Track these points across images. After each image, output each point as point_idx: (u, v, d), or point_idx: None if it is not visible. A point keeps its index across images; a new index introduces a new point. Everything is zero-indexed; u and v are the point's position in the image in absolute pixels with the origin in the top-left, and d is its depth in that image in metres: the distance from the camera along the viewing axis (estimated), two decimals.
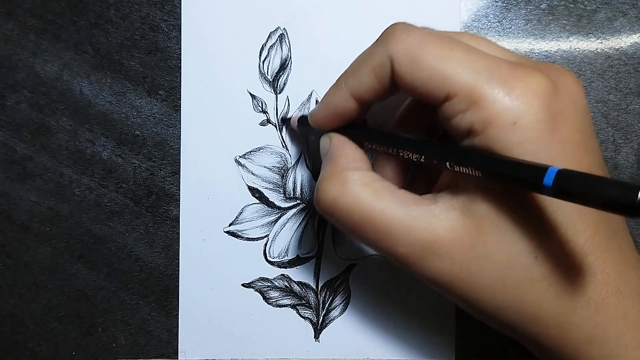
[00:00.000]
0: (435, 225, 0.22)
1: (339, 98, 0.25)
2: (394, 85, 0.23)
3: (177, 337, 0.32)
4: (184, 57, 0.32)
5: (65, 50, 0.32)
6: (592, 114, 0.32)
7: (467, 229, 0.21)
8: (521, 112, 0.20)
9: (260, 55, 0.32)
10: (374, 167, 0.27)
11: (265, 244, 0.32)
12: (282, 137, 0.32)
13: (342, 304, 0.33)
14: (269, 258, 0.32)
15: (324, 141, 0.27)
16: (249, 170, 0.32)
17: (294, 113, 0.32)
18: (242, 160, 0.32)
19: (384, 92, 0.24)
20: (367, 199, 0.23)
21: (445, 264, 0.22)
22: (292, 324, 0.33)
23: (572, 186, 0.17)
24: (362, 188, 0.23)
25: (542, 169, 0.18)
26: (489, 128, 0.20)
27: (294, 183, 0.32)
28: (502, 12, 0.32)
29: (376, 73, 0.23)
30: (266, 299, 0.32)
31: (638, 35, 0.32)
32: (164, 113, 0.32)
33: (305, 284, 0.33)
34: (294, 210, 0.32)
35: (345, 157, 0.25)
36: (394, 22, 0.23)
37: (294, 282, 0.33)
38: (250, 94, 0.32)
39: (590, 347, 0.21)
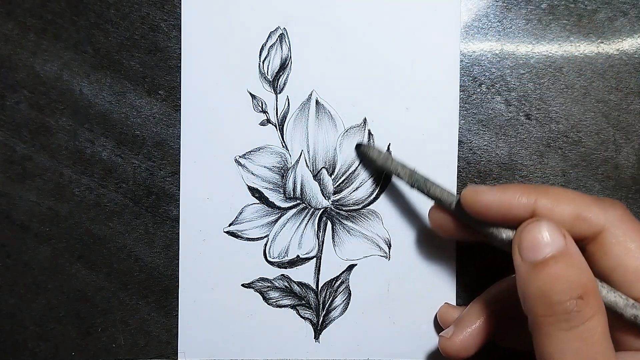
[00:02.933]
0: None
1: (521, 206, 0.24)
2: (582, 242, 0.24)
3: (177, 338, 0.32)
4: (183, 57, 0.32)
5: (65, 50, 0.32)
6: (593, 113, 0.32)
7: None
8: None
9: (260, 55, 0.32)
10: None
11: (265, 244, 0.32)
12: (282, 137, 0.32)
13: (342, 304, 0.33)
14: (268, 258, 0.32)
15: (554, 233, 0.23)
16: (249, 170, 0.32)
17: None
18: (242, 160, 0.32)
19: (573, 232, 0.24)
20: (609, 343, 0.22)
21: None
22: (292, 324, 0.33)
23: None
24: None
25: None
26: None
27: (294, 183, 0.32)
28: (502, 12, 0.32)
29: (578, 223, 0.24)
30: (266, 299, 0.32)
31: (638, 35, 0.32)
32: (164, 113, 0.32)
33: (305, 284, 0.33)
34: (294, 210, 0.32)
35: (592, 274, 0.23)
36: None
37: (294, 282, 0.32)
38: (250, 94, 0.32)
39: None
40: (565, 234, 0.23)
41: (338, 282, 0.33)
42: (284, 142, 0.32)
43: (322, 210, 0.32)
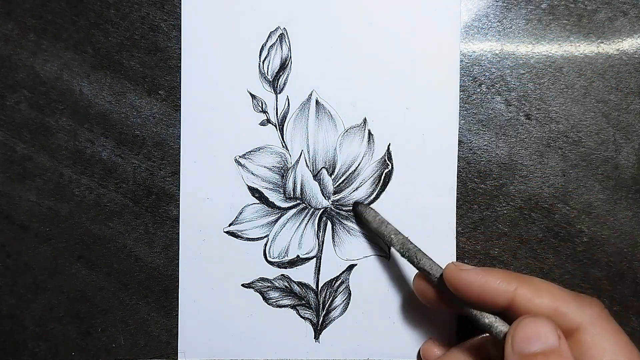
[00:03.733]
0: None
1: (501, 291, 0.25)
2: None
3: (177, 338, 0.32)
4: (183, 57, 0.32)
5: (65, 50, 0.32)
6: (593, 113, 0.32)
7: None
8: None
9: (260, 55, 0.32)
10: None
11: (265, 244, 0.32)
12: (282, 137, 0.32)
13: (342, 304, 0.33)
14: (268, 258, 0.32)
15: (546, 328, 0.24)
16: (249, 170, 0.32)
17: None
18: (242, 160, 0.32)
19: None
20: None
21: None
22: (292, 324, 0.33)
23: None
24: None
25: None
26: None
27: (294, 183, 0.32)
28: (502, 12, 0.32)
29: (555, 318, 0.24)
30: (266, 299, 0.32)
31: (638, 35, 0.32)
32: (164, 113, 0.32)
33: (305, 284, 0.33)
34: (294, 210, 0.32)
35: None
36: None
37: (294, 282, 0.32)
38: (250, 93, 0.32)
39: None
40: (561, 335, 0.23)
41: (338, 282, 0.33)
42: (284, 142, 0.32)
43: (322, 210, 0.32)
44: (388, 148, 0.32)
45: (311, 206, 0.32)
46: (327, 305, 0.33)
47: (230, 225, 0.32)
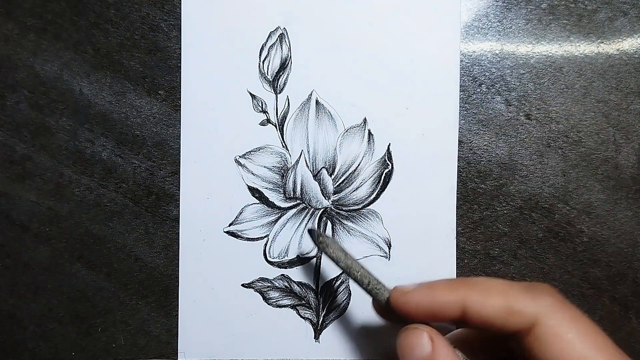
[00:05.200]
0: None
1: (449, 303, 0.24)
2: (511, 337, 0.23)
3: (177, 338, 0.32)
4: (183, 57, 0.32)
5: (65, 50, 0.32)
6: (593, 113, 0.32)
7: None
8: None
9: (260, 55, 0.32)
10: None
11: (265, 244, 0.32)
12: (282, 137, 0.32)
13: (342, 305, 0.33)
14: (269, 258, 0.32)
15: (419, 339, 0.24)
16: (249, 170, 0.32)
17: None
18: (242, 160, 0.32)
19: (495, 331, 0.24)
20: None
21: None
22: (292, 324, 0.33)
23: None
24: None
25: None
26: None
27: (294, 183, 0.32)
28: (502, 12, 0.32)
29: (510, 317, 0.23)
30: (266, 299, 0.32)
31: (638, 35, 0.32)
32: (164, 113, 0.32)
33: (305, 284, 0.33)
34: (294, 210, 0.32)
35: None
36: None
37: (294, 282, 0.32)
38: (250, 93, 0.32)
39: None
40: (435, 338, 0.23)
41: (338, 282, 0.33)
42: (284, 142, 0.32)
43: (322, 210, 0.32)
44: (388, 148, 0.32)
45: (311, 206, 0.32)
46: (327, 305, 0.33)
47: (230, 225, 0.32)
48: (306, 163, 0.32)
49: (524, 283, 0.24)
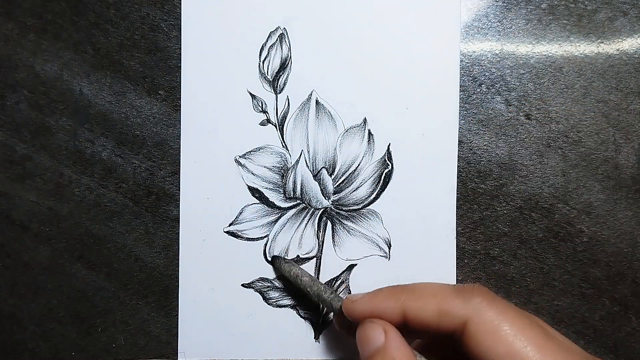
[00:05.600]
0: None
1: (390, 309, 0.25)
2: (452, 336, 0.24)
3: (177, 338, 0.32)
4: (183, 57, 0.32)
5: (65, 50, 0.32)
6: (593, 113, 0.32)
7: None
8: None
9: (260, 55, 0.32)
10: None
11: (265, 244, 0.32)
12: (282, 137, 0.32)
13: None
14: (269, 258, 0.32)
15: (374, 331, 0.25)
16: (249, 170, 0.32)
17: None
18: (242, 160, 0.32)
19: (435, 332, 0.25)
20: None
21: None
22: (292, 324, 0.33)
23: None
24: None
25: None
26: None
27: (294, 183, 0.32)
28: (502, 12, 0.32)
29: (441, 317, 0.24)
30: (266, 299, 0.32)
31: (638, 35, 0.32)
32: (164, 113, 0.32)
33: None
34: (294, 210, 0.32)
35: None
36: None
37: None
38: (250, 93, 0.32)
39: None
40: (388, 329, 0.24)
41: (338, 282, 0.33)
42: (284, 142, 0.32)
43: (322, 210, 0.32)
44: (388, 148, 0.32)
45: (311, 206, 0.32)
46: None
47: (230, 225, 0.32)
48: (306, 163, 0.32)
49: (456, 285, 0.25)
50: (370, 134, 0.32)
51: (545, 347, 0.23)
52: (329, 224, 0.32)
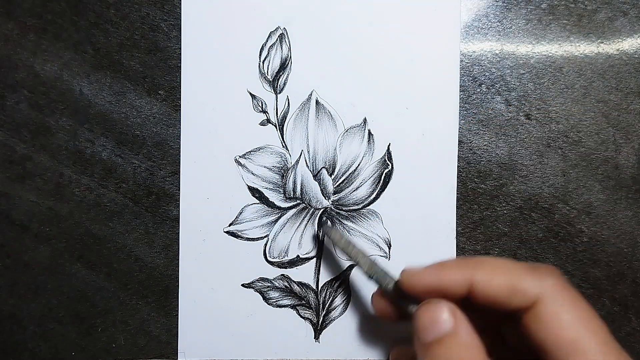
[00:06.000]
0: None
1: (458, 282, 0.24)
2: (518, 313, 0.23)
3: (177, 338, 0.32)
4: (183, 57, 0.32)
5: (65, 50, 0.32)
6: (593, 113, 0.32)
7: None
8: None
9: (260, 55, 0.32)
10: None
11: (265, 244, 0.32)
12: (282, 137, 0.32)
13: (342, 304, 0.33)
14: (268, 258, 0.32)
15: (440, 314, 0.24)
16: (249, 170, 0.32)
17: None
18: (242, 160, 0.32)
19: (499, 308, 0.24)
20: None
21: None
22: (292, 324, 0.33)
23: None
24: None
25: None
26: None
27: (294, 183, 0.32)
28: (502, 12, 0.32)
29: (513, 295, 0.23)
30: (266, 299, 0.32)
31: (638, 35, 0.32)
32: (164, 113, 0.32)
33: (305, 284, 0.33)
34: (294, 210, 0.32)
35: (481, 353, 0.23)
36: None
37: (294, 282, 0.32)
38: (250, 93, 0.32)
39: None
40: (457, 314, 0.23)
41: (338, 282, 0.33)
42: (284, 142, 0.32)
43: (322, 210, 0.32)
44: (388, 148, 0.32)
45: (311, 206, 0.32)
46: (327, 305, 0.33)
47: (230, 225, 0.32)
48: (306, 163, 0.32)
49: (529, 263, 0.25)
50: (370, 134, 0.32)
51: (607, 345, 0.22)
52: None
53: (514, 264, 0.24)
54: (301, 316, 0.33)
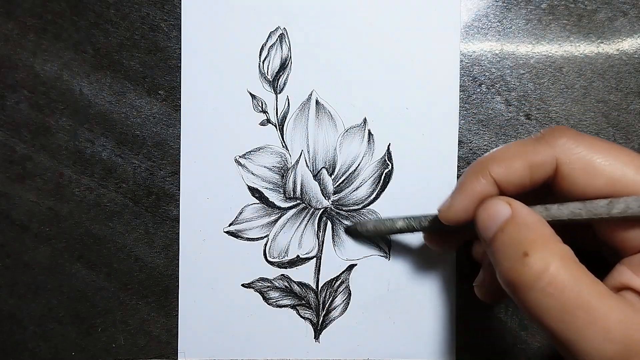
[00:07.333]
0: None
1: (482, 186, 0.24)
2: (546, 184, 0.23)
3: (177, 338, 0.32)
4: (183, 57, 0.32)
5: (65, 50, 0.32)
6: (593, 113, 0.32)
7: None
8: None
9: (260, 55, 0.32)
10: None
11: (265, 244, 0.32)
12: (282, 137, 0.32)
13: (342, 304, 0.33)
14: (268, 258, 0.32)
15: (497, 206, 0.23)
16: (249, 170, 0.32)
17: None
18: (242, 160, 0.32)
19: (529, 188, 0.24)
20: (587, 281, 0.20)
21: None
22: (292, 324, 0.33)
23: None
24: (581, 268, 0.21)
25: None
26: None
27: (294, 183, 0.32)
28: (502, 12, 0.32)
29: (533, 170, 0.23)
30: (266, 299, 0.32)
31: (638, 35, 0.32)
32: (164, 113, 0.32)
33: (305, 284, 0.33)
34: (294, 210, 0.32)
35: (546, 227, 0.22)
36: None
37: (294, 282, 0.32)
38: (250, 93, 0.32)
39: None
40: (512, 201, 0.23)
41: (338, 282, 0.33)
42: (284, 142, 0.32)
43: (322, 210, 0.32)
44: (388, 148, 0.32)
45: (311, 206, 0.32)
46: (327, 305, 0.33)
47: (230, 225, 0.32)
48: (306, 163, 0.32)
49: (534, 134, 0.25)
50: (370, 134, 0.32)
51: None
52: (329, 224, 0.33)
53: (521, 144, 0.24)
54: (301, 316, 0.33)
